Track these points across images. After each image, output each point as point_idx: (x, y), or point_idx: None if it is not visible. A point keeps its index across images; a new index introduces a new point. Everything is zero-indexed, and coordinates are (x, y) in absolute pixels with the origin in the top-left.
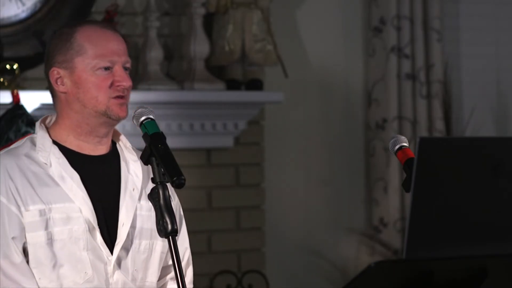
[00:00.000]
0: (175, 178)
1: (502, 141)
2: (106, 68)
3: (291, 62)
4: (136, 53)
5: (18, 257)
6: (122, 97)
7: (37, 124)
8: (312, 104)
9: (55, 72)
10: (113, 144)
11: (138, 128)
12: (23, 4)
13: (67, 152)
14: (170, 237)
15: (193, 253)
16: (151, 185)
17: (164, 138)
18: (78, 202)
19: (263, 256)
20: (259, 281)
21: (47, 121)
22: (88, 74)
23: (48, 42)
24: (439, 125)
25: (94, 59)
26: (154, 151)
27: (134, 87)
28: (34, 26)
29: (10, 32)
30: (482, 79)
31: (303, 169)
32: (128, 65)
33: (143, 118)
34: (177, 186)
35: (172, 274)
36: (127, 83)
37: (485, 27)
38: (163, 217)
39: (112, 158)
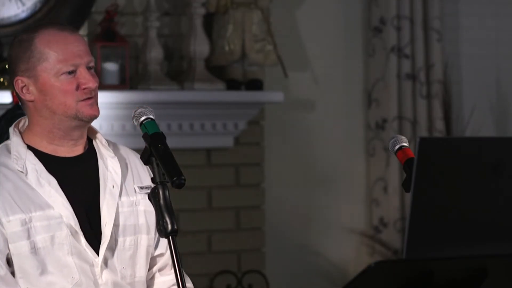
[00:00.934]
0: (175, 178)
1: (502, 141)
2: (70, 72)
3: (291, 62)
4: (136, 53)
5: (2, 270)
6: (90, 98)
7: (11, 129)
8: (312, 104)
9: (19, 81)
10: (89, 141)
11: (138, 128)
12: (23, 4)
13: (42, 157)
14: (170, 237)
15: (193, 253)
16: (130, 179)
17: (164, 138)
18: (57, 208)
19: (263, 256)
20: (259, 281)
21: (21, 125)
22: (52, 80)
23: (9, 50)
24: (439, 125)
25: (57, 65)
26: (154, 151)
27: (134, 87)
28: (34, 26)
29: (10, 32)
30: (482, 79)
31: (303, 169)
32: (92, 64)
33: (143, 118)
34: (177, 186)
35: (159, 264)
36: (93, 84)
37: (485, 27)
38: (163, 217)
39: (89, 157)
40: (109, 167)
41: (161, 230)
